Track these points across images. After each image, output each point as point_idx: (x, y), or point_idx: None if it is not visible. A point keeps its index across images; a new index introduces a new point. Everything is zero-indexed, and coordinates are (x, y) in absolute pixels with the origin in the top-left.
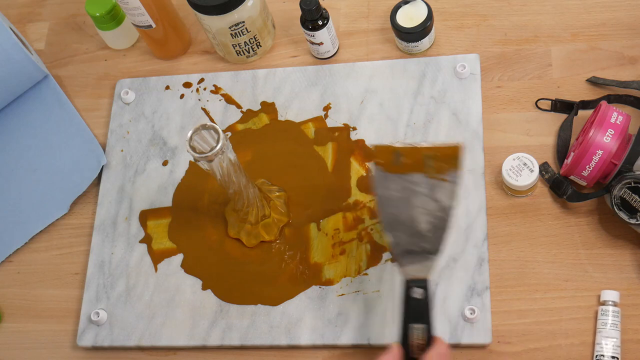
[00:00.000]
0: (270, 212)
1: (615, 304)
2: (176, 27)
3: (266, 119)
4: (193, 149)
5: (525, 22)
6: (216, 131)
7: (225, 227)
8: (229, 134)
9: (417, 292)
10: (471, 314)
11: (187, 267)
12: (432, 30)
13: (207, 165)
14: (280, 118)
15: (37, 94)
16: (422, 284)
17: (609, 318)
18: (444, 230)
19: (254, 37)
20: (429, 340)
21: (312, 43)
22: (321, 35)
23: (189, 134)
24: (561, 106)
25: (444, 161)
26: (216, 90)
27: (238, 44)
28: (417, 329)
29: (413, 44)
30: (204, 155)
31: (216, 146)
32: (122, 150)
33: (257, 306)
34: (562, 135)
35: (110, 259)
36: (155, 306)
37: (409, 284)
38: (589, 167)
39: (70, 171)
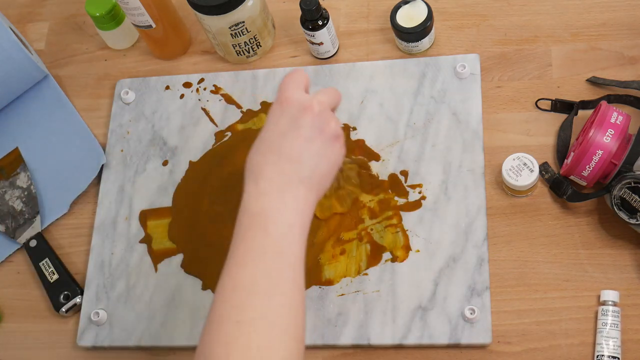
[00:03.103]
0: (344, 183)
1: (615, 304)
2: (176, 27)
3: (266, 119)
4: None
5: (525, 22)
6: None
7: (225, 227)
8: None
9: None
10: (471, 314)
11: (187, 267)
12: (432, 30)
13: None
14: None
15: (37, 94)
16: None
17: (609, 318)
18: None
19: (254, 37)
20: None
21: (312, 43)
22: (321, 35)
23: None
24: (561, 106)
25: None
26: (216, 90)
27: (238, 44)
28: None
29: (413, 44)
30: None
31: None
32: (122, 150)
33: None
34: (562, 135)
35: (110, 259)
36: (155, 306)
37: None
38: (589, 167)
39: (70, 171)
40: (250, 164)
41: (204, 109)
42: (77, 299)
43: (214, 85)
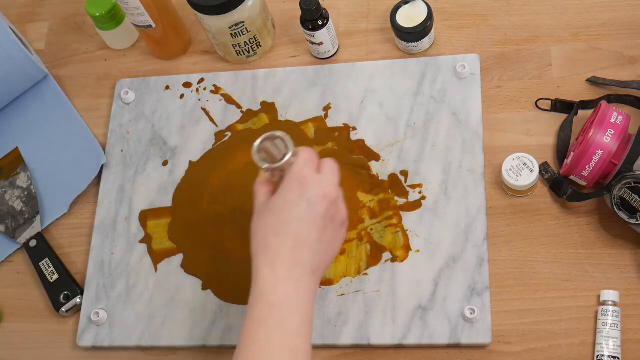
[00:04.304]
0: None
1: (615, 304)
2: (176, 27)
3: (266, 119)
4: (264, 159)
5: (525, 22)
6: (283, 139)
7: (224, 227)
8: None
9: None
10: (471, 314)
11: (187, 267)
12: (432, 30)
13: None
14: (280, 118)
15: (37, 94)
16: None
17: (609, 318)
18: None
19: (254, 37)
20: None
21: (312, 43)
22: (321, 35)
23: (258, 144)
24: (561, 106)
25: None
26: (216, 90)
27: (238, 44)
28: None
29: (413, 44)
30: (275, 165)
31: (287, 154)
32: (122, 150)
33: None
34: (562, 135)
35: (110, 259)
36: (155, 306)
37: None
38: (589, 167)
39: (70, 171)
40: (264, 241)
41: (204, 109)
42: (77, 299)
43: (214, 85)
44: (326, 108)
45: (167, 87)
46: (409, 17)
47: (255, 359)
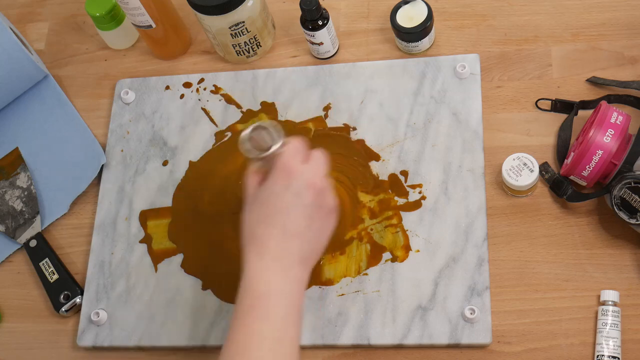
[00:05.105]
0: None
1: (615, 304)
2: (176, 27)
3: (266, 119)
4: (251, 149)
5: (525, 22)
6: (272, 129)
7: (225, 227)
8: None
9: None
10: (471, 314)
11: (187, 267)
12: (432, 30)
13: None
14: (280, 118)
15: (37, 94)
16: None
17: (609, 318)
18: None
19: (254, 37)
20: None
21: (312, 43)
22: (321, 35)
23: (247, 132)
24: (561, 106)
25: None
26: (216, 90)
27: (238, 44)
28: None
29: (413, 44)
30: (262, 155)
31: (274, 144)
32: (122, 150)
33: None
34: (562, 135)
35: (110, 259)
36: (155, 306)
37: None
38: (589, 167)
39: (70, 171)
40: (252, 232)
41: (204, 109)
42: (77, 299)
43: (214, 85)
44: (326, 108)
45: (167, 87)
46: (409, 17)
47: (240, 349)
